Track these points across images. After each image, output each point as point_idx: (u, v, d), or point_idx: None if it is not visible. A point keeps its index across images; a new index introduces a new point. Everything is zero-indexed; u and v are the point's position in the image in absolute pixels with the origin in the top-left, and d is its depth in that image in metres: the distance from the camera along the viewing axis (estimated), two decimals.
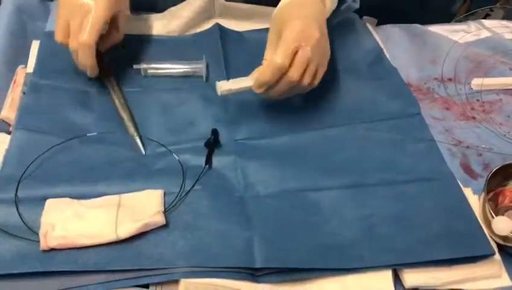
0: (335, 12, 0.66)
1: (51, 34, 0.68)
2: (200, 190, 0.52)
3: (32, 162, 0.53)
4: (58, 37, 0.59)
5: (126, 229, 0.46)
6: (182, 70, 0.67)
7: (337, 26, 0.74)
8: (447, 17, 0.93)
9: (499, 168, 0.54)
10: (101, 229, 0.46)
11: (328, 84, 0.67)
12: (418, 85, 0.71)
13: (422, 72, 0.73)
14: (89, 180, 0.53)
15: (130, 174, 0.54)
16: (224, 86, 0.57)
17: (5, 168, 0.53)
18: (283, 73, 0.54)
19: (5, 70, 0.64)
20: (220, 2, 0.73)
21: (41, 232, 0.46)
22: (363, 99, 0.65)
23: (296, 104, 0.64)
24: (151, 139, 0.58)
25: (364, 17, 0.80)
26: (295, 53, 0.54)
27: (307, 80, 0.56)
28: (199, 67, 0.66)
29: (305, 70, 0.55)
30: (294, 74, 0.54)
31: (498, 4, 1.13)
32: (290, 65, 0.54)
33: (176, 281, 0.46)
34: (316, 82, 0.58)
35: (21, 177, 0.51)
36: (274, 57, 0.53)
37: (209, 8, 0.73)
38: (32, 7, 0.73)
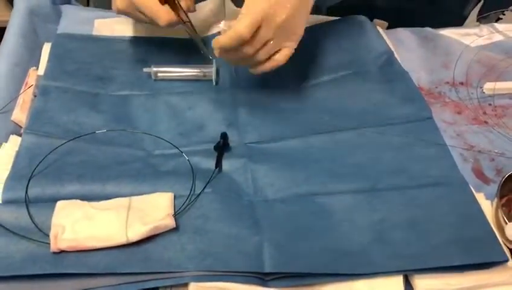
0: None
1: (62, 37, 0.69)
2: (210, 193, 0.52)
3: (41, 161, 0.53)
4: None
5: (136, 232, 0.46)
6: (191, 73, 0.67)
7: (347, 29, 0.74)
8: (458, 20, 0.92)
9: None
10: (111, 232, 0.46)
11: (338, 87, 0.67)
12: (429, 89, 0.70)
13: (434, 76, 0.72)
14: (98, 180, 0.53)
15: (140, 174, 0.54)
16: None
17: (15, 169, 0.53)
18: (241, 44, 0.53)
19: (17, 72, 0.65)
20: (229, 6, 0.73)
21: (51, 234, 0.46)
22: (373, 103, 0.65)
23: (306, 107, 0.63)
24: (161, 138, 0.58)
25: (375, 20, 0.79)
26: (258, 27, 0.53)
27: (262, 57, 0.56)
28: (209, 71, 0.66)
29: (262, 47, 0.54)
30: (248, 49, 0.54)
31: (511, 7, 1.12)
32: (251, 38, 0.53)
33: (185, 285, 0.45)
34: (282, 60, 0.57)
35: (31, 176, 0.52)
36: (237, 25, 0.53)
37: (219, 12, 0.73)
38: (44, 10, 0.74)
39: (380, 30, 0.77)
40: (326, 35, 0.73)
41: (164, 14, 0.58)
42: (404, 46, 0.76)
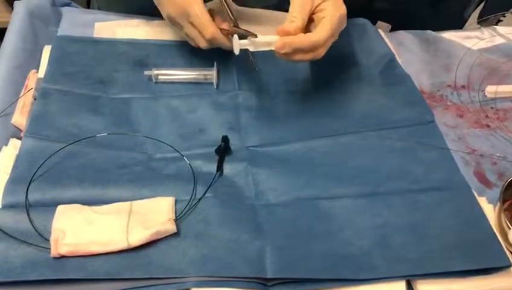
0: None
1: (62, 39, 0.69)
2: (211, 197, 0.52)
3: (42, 165, 0.53)
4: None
5: (137, 237, 0.46)
6: (192, 76, 0.67)
7: (349, 32, 0.73)
8: (459, 23, 0.92)
9: None
10: (112, 237, 0.46)
11: (340, 90, 0.67)
12: (431, 92, 0.70)
13: (435, 79, 0.72)
14: (99, 184, 0.52)
15: (140, 178, 0.54)
16: (243, 42, 0.56)
17: (15, 173, 0.52)
18: (311, 48, 0.55)
19: (17, 75, 0.64)
20: (232, 6, 0.73)
21: (52, 239, 0.46)
22: (375, 106, 0.65)
23: (308, 110, 0.63)
24: (162, 141, 0.58)
25: (379, 22, 0.79)
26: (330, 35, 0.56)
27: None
28: (210, 74, 0.66)
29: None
30: (322, 53, 0.56)
31: (511, 10, 1.12)
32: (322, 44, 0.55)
33: None
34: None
35: (31, 180, 0.51)
36: (314, 34, 0.55)
37: (222, 12, 0.73)
38: (44, 12, 0.73)
39: (382, 33, 0.76)
40: None
41: (212, 27, 0.60)
42: (406, 49, 0.76)
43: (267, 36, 0.56)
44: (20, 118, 0.60)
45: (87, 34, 0.71)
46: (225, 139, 0.58)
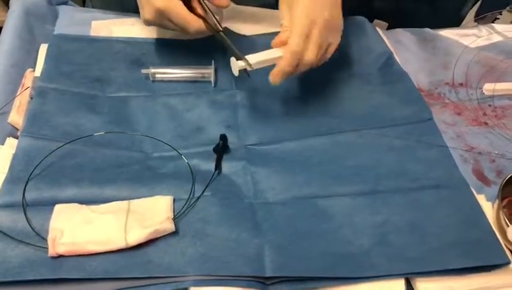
0: None
1: (59, 38, 0.68)
2: (210, 196, 0.52)
3: (39, 163, 0.53)
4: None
5: (136, 236, 0.46)
6: (190, 75, 0.66)
7: (347, 30, 0.73)
8: (455, 21, 0.92)
9: None
10: (110, 236, 0.46)
11: (338, 88, 0.67)
12: (429, 90, 0.70)
13: (433, 77, 0.72)
14: (96, 183, 0.52)
15: (138, 177, 0.53)
16: (250, 59, 0.56)
17: (12, 172, 0.52)
18: (300, 57, 0.55)
19: (13, 74, 0.64)
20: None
21: (49, 238, 0.46)
22: (373, 104, 0.65)
23: (306, 109, 0.63)
24: (160, 140, 0.58)
25: (375, 20, 0.79)
26: (308, 36, 0.55)
27: (321, 60, 0.58)
28: (207, 72, 0.66)
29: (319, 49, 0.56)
30: (311, 56, 0.55)
31: (508, 8, 1.13)
32: (305, 48, 0.55)
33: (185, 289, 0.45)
34: (328, 57, 0.59)
35: (28, 179, 0.51)
36: (291, 42, 0.54)
37: (218, 11, 0.73)
38: (41, 10, 0.73)
39: (379, 31, 0.76)
40: None
41: (194, 22, 0.60)
42: (404, 47, 0.76)
43: (260, 54, 0.57)
44: (16, 117, 0.59)
45: (83, 32, 0.71)
46: (223, 138, 0.58)
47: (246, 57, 0.57)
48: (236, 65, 0.57)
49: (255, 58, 0.57)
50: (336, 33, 0.59)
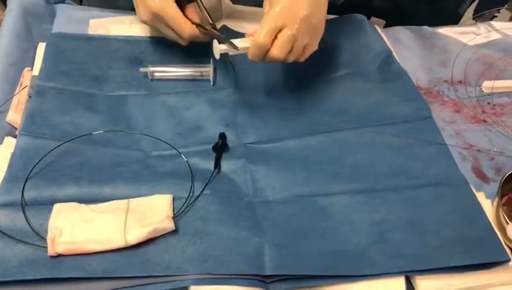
0: None
1: (57, 36, 0.68)
2: (209, 194, 0.52)
3: (38, 162, 0.52)
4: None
5: (135, 235, 0.46)
6: (189, 73, 0.66)
7: (345, 28, 0.73)
8: (454, 19, 0.92)
9: None
10: (110, 235, 0.46)
11: (337, 86, 0.67)
12: (428, 88, 0.70)
13: (432, 75, 0.72)
14: (95, 182, 0.52)
15: (137, 176, 0.53)
16: (223, 47, 0.56)
17: (11, 171, 0.52)
18: (266, 51, 0.54)
19: (11, 73, 0.64)
20: (226, 4, 0.73)
21: (48, 238, 0.45)
22: (372, 102, 0.64)
23: (305, 107, 0.63)
24: (159, 138, 0.57)
25: (372, 18, 0.79)
26: (279, 31, 0.53)
27: (291, 58, 0.56)
28: (206, 70, 0.66)
29: (290, 48, 0.54)
30: (275, 53, 0.54)
31: (506, 6, 1.12)
32: (273, 44, 0.54)
33: (186, 288, 0.45)
34: (302, 59, 0.58)
35: (27, 178, 0.51)
36: (256, 35, 0.53)
37: (216, 10, 0.73)
38: (38, 9, 0.73)
39: (378, 29, 0.76)
40: (324, 34, 0.73)
41: (188, 28, 0.59)
42: (402, 45, 0.76)
43: (243, 40, 0.57)
44: (15, 116, 0.59)
45: (81, 31, 0.70)
46: (222, 136, 0.58)
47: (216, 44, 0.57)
48: (217, 48, 0.56)
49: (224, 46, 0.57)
50: (313, 34, 0.57)
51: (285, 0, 0.54)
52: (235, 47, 0.56)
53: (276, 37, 0.54)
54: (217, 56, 0.57)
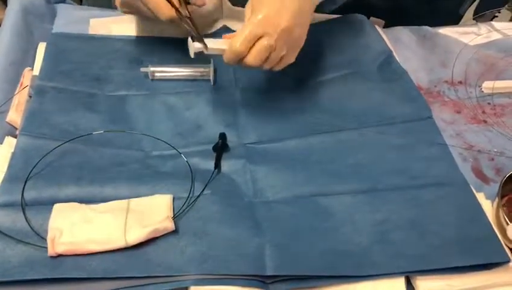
0: None
1: (57, 36, 0.68)
2: (210, 194, 0.52)
3: (38, 162, 0.52)
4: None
5: (135, 235, 0.46)
6: (189, 73, 0.66)
7: (346, 28, 0.73)
8: (454, 18, 0.92)
9: None
10: (110, 235, 0.46)
11: (337, 87, 0.67)
12: (428, 88, 0.70)
13: (432, 75, 0.72)
14: (95, 182, 0.52)
15: (138, 176, 0.53)
16: (197, 45, 0.56)
17: (11, 171, 0.52)
18: (241, 58, 0.54)
19: (11, 73, 0.64)
20: (227, 5, 0.73)
21: (48, 238, 0.45)
22: (373, 103, 0.64)
23: (305, 107, 0.63)
24: (159, 138, 0.57)
25: (371, 18, 0.79)
26: (258, 39, 0.53)
27: (266, 67, 0.56)
28: (207, 71, 0.66)
29: (267, 58, 0.54)
30: (250, 60, 0.53)
31: (506, 6, 1.12)
32: (249, 51, 0.53)
33: (186, 289, 0.45)
34: (277, 69, 0.57)
35: (27, 178, 0.51)
36: (233, 40, 0.53)
37: (217, 11, 0.73)
38: (39, 9, 0.73)
39: (379, 29, 0.76)
40: (324, 34, 0.73)
41: (166, 9, 0.57)
42: (403, 45, 0.76)
43: (220, 41, 0.56)
44: (15, 115, 0.59)
45: (82, 30, 0.71)
46: (222, 136, 0.58)
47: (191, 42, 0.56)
48: (192, 47, 0.56)
49: (208, 43, 0.56)
50: (292, 46, 0.56)
51: (268, 9, 0.53)
52: (206, 48, 0.55)
53: (253, 44, 0.53)
54: (192, 55, 0.57)
